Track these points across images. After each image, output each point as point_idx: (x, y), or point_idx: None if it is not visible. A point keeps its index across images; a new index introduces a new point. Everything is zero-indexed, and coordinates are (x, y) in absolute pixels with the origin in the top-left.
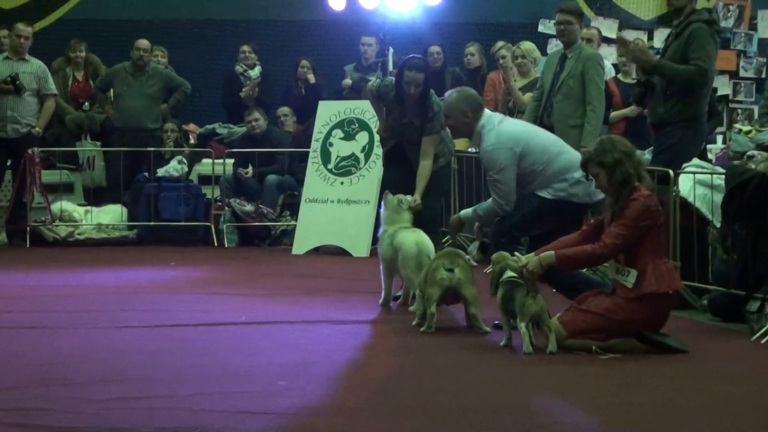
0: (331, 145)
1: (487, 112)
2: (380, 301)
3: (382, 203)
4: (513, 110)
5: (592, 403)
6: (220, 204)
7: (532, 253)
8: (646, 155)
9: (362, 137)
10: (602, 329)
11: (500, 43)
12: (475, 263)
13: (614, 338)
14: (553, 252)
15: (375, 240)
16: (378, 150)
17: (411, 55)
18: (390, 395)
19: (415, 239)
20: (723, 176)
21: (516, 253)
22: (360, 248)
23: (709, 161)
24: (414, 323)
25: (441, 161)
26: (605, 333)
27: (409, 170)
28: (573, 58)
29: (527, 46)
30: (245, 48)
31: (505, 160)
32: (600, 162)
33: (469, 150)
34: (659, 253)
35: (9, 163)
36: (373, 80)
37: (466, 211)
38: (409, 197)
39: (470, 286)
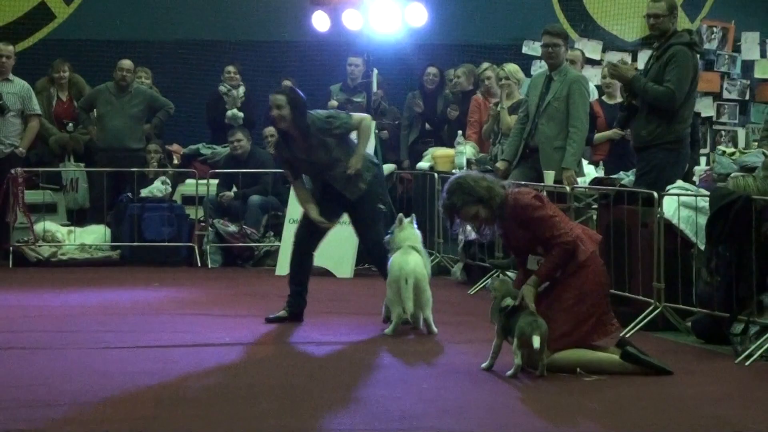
0: None
1: None
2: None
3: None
4: (498, 132)
5: (577, 428)
6: (203, 224)
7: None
8: (630, 177)
9: None
10: (569, 319)
11: (485, 65)
12: None
13: (587, 322)
14: (534, 276)
15: (359, 261)
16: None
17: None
18: (374, 418)
19: (399, 261)
20: (707, 198)
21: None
22: (344, 269)
23: (693, 183)
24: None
25: (367, 176)
26: (574, 321)
27: (340, 199)
28: (558, 81)
29: (511, 67)
30: (230, 68)
31: None
32: (467, 202)
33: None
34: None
35: None
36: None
37: None
38: None
39: None
